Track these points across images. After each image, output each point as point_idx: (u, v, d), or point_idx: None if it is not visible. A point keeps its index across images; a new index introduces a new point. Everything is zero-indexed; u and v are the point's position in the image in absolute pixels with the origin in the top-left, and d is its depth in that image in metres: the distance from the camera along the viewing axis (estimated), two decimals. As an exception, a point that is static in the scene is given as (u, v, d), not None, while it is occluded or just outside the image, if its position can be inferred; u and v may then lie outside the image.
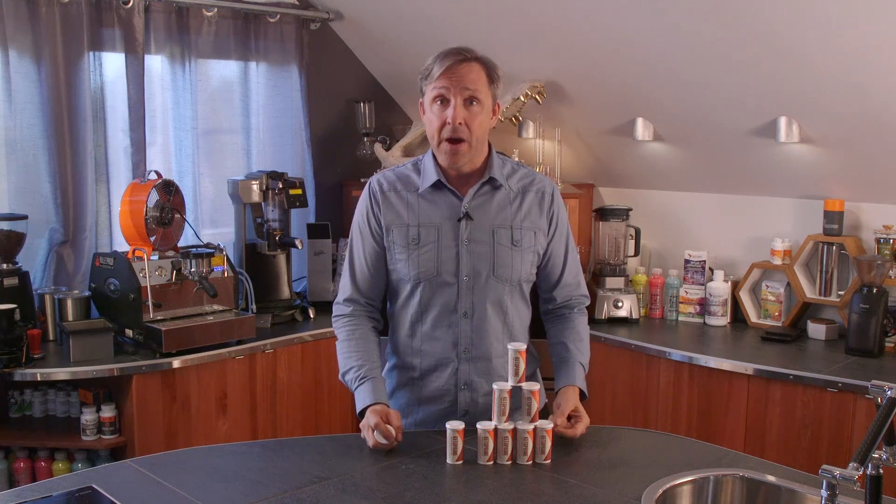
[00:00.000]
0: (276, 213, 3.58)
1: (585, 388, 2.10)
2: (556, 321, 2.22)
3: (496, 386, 1.87)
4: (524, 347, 1.90)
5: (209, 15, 3.58)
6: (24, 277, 3.07)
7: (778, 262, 3.44)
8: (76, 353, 2.92)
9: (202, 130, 3.64)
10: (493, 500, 1.68)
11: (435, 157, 2.08)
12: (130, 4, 3.32)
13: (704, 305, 3.59)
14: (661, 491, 1.70)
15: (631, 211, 3.82)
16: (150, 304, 3.04)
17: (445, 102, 1.97)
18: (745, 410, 3.02)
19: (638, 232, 3.80)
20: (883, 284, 3.05)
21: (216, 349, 3.10)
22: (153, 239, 3.14)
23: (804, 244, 3.37)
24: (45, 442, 2.97)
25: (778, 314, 3.46)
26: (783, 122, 3.10)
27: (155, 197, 3.14)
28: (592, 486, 1.75)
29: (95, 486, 1.71)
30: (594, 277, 3.78)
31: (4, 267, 3.03)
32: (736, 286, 3.56)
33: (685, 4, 2.84)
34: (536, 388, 1.88)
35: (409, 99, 4.33)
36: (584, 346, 2.16)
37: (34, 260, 3.23)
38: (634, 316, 3.62)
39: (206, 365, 3.08)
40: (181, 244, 3.27)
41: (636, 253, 3.82)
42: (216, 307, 3.27)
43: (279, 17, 3.78)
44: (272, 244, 3.57)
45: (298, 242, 3.53)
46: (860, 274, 3.08)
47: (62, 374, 2.87)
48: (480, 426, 1.85)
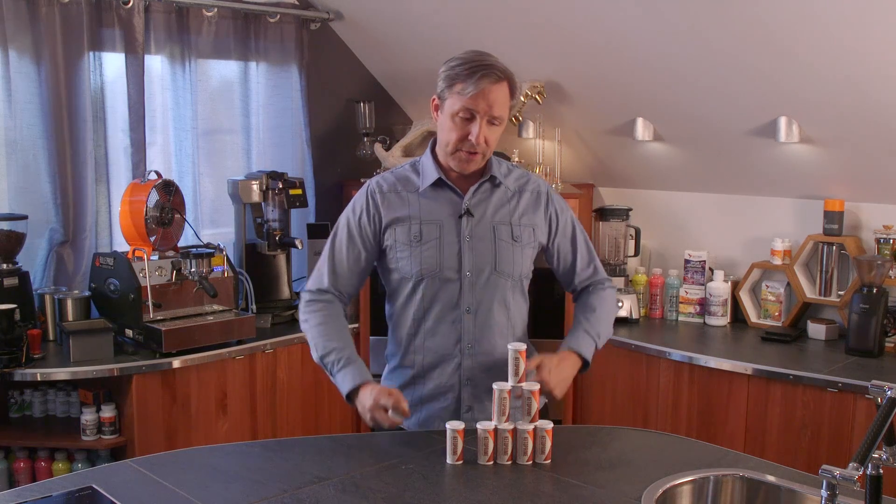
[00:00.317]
0: (276, 213, 3.58)
1: (587, 353, 2.09)
2: (579, 297, 2.24)
3: (496, 386, 1.87)
4: (524, 347, 1.90)
5: (209, 15, 3.58)
6: (24, 277, 3.07)
7: (778, 262, 3.44)
8: (76, 353, 2.92)
9: (202, 130, 3.64)
10: (493, 500, 1.68)
11: (434, 156, 2.11)
12: (130, 4, 3.32)
13: (704, 305, 3.59)
14: (661, 491, 1.70)
15: (631, 211, 3.82)
16: (150, 304, 3.04)
17: (470, 119, 2.00)
18: (745, 410, 3.02)
19: (638, 232, 3.80)
20: (883, 284, 3.05)
21: (216, 349, 3.10)
22: (153, 239, 3.14)
23: (804, 244, 3.37)
24: (45, 442, 2.97)
25: (778, 314, 3.46)
26: (783, 122, 3.10)
27: (155, 197, 3.14)
28: (592, 486, 1.75)
29: (95, 486, 1.71)
30: (594, 277, 3.77)
31: (4, 267, 3.03)
32: (736, 286, 3.56)
33: (685, 5, 2.84)
34: (536, 388, 1.88)
35: (409, 99, 4.33)
36: (594, 316, 2.15)
37: (34, 260, 3.23)
38: (634, 316, 3.62)
39: (206, 365, 3.08)
40: (181, 244, 3.27)
41: (636, 253, 3.82)
42: (216, 307, 3.27)
43: (279, 17, 3.78)
44: (272, 244, 3.57)
45: (298, 242, 3.53)
46: (860, 274, 3.08)
47: (62, 374, 2.87)
48: (480, 426, 1.85)
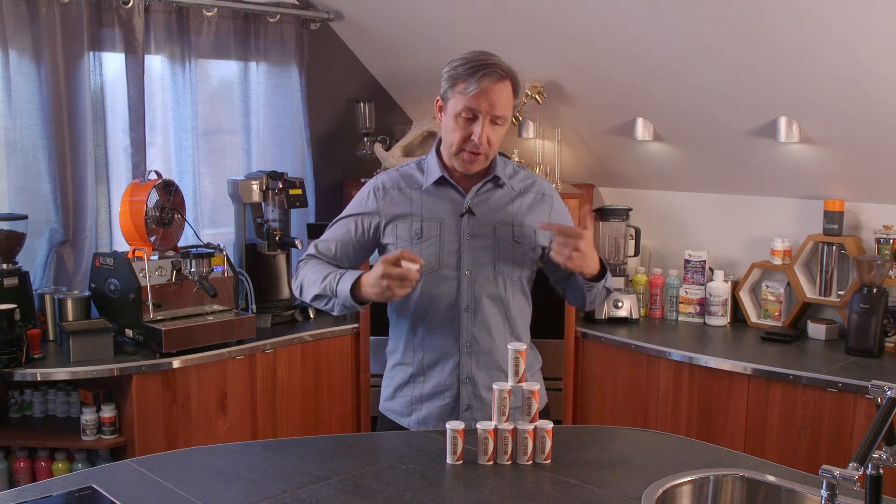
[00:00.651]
0: (276, 213, 3.58)
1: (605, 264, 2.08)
2: (569, 282, 2.20)
3: (496, 386, 1.87)
4: (524, 347, 1.90)
5: (209, 15, 3.58)
6: (24, 277, 3.07)
7: (778, 262, 3.44)
8: (76, 353, 2.92)
9: (202, 130, 3.64)
10: (493, 500, 1.68)
11: (439, 155, 2.12)
12: (130, 4, 3.32)
13: (704, 305, 3.59)
14: (661, 491, 1.70)
15: (631, 211, 3.82)
16: (150, 304, 3.04)
17: (473, 119, 2.01)
18: (744, 410, 3.02)
19: (638, 232, 3.80)
20: (883, 284, 3.05)
21: (216, 349, 3.10)
22: (153, 239, 3.14)
23: (804, 244, 3.37)
24: (45, 442, 2.97)
25: (778, 314, 3.46)
26: (783, 122, 3.10)
27: (155, 197, 3.14)
28: (592, 486, 1.75)
29: (95, 486, 1.71)
30: (594, 277, 3.77)
31: (4, 267, 3.03)
32: (736, 286, 3.56)
33: (685, 5, 2.84)
34: (536, 388, 1.88)
35: (409, 99, 4.33)
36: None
37: (34, 260, 3.23)
38: (634, 316, 3.62)
39: (206, 365, 3.08)
40: (181, 244, 3.27)
41: (636, 253, 3.82)
42: (216, 307, 3.27)
43: (279, 17, 3.78)
44: (272, 244, 3.57)
45: (298, 242, 3.53)
46: (860, 274, 3.08)
47: (62, 374, 2.87)
48: (480, 426, 1.85)
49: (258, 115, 3.83)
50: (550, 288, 2.28)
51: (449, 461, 1.85)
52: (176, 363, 2.99)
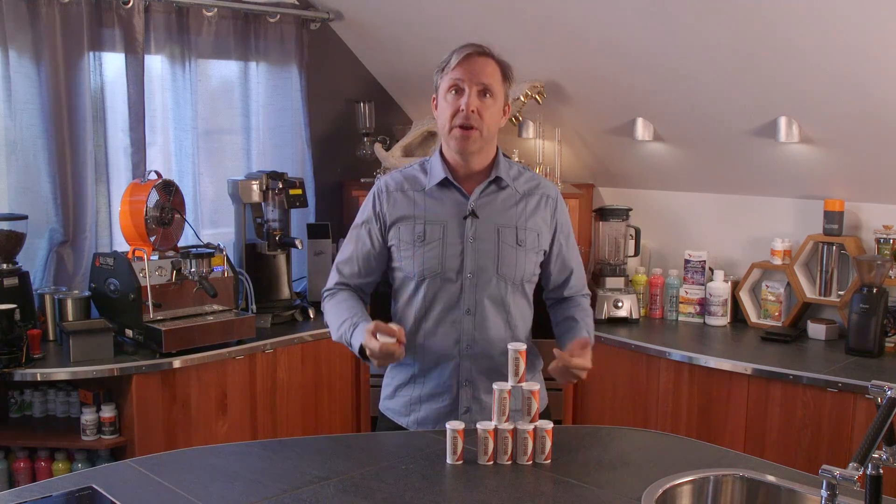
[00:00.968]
0: (276, 213, 3.58)
1: (592, 339, 2.14)
2: (559, 303, 2.25)
3: (496, 386, 1.87)
4: (524, 347, 1.90)
5: (209, 15, 3.58)
6: (24, 277, 3.07)
7: (778, 262, 3.44)
8: (76, 353, 2.92)
9: (202, 130, 3.64)
10: (493, 500, 1.68)
11: (443, 156, 2.12)
12: (130, 4, 3.32)
13: (704, 305, 3.59)
14: (661, 491, 1.70)
15: (631, 211, 3.82)
16: (150, 304, 3.03)
17: (460, 92, 2.02)
18: (745, 410, 3.02)
19: (638, 232, 3.79)
20: (883, 284, 3.05)
21: (216, 349, 3.10)
22: (153, 239, 3.14)
23: (804, 244, 3.37)
24: (45, 442, 2.97)
25: (778, 314, 3.46)
26: (783, 122, 3.10)
27: (155, 197, 3.14)
28: (592, 486, 1.75)
29: (95, 486, 1.71)
30: (594, 277, 3.78)
31: (4, 267, 3.03)
32: (736, 286, 3.56)
33: (686, 5, 2.84)
34: (536, 388, 1.88)
35: (409, 99, 4.33)
36: (590, 321, 2.20)
37: (34, 260, 3.23)
38: (634, 316, 3.62)
39: (206, 365, 3.08)
40: (181, 244, 3.27)
41: (636, 253, 3.82)
42: (216, 307, 3.27)
43: (279, 17, 3.78)
44: (272, 244, 3.57)
45: (298, 242, 3.53)
46: (860, 274, 3.08)
47: (62, 374, 2.87)
48: (480, 426, 1.85)
49: (258, 115, 3.83)
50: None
51: (449, 461, 1.85)
52: (176, 363, 2.99)
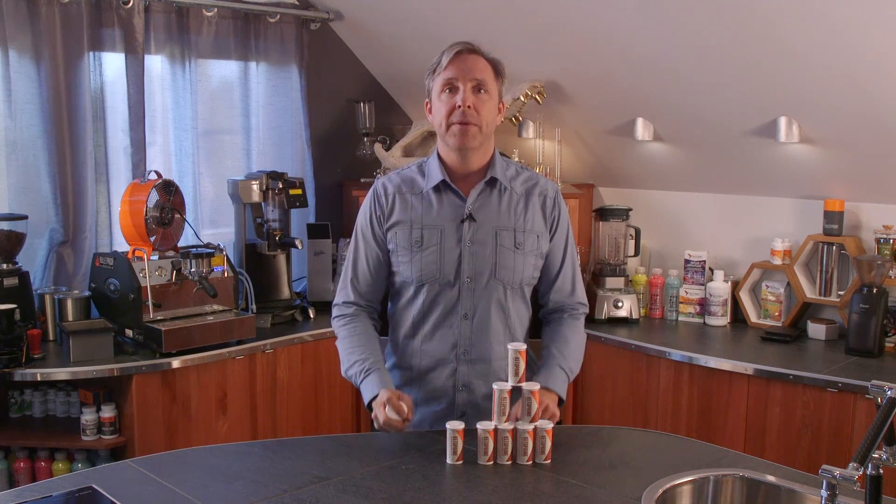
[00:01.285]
0: (276, 213, 3.58)
1: (562, 391, 2.06)
2: (547, 326, 2.20)
3: (496, 386, 1.87)
4: (524, 347, 1.89)
5: (209, 15, 3.58)
6: (24, 277, 3.07)
7: (778, 262, 3.44)
8: (76, 353, 2.92)
9: (202, 130, 3.64)
10: (493, 500, 1.68)
11: (440, 157, 2.09)
12: (130, 4, 3.32)
13: (704, 305, 3.58)
14: (661, 491, 1.70)
15: (631, 211, 3.82)
16: (150, 304, 3.03)
17: (454, 90, 2.00)
18: (745, 410, 3.02)
19: (638, 232, 3.79)
20: (883, 284, 3.05)
21: (216, 349, 3.10)
22: (153, 239, 3.14)
23: (804, 244, 3.37)
24: (45, 442, 2.97)
25: (778, 314, 3.46)
26: (783, 122, 3.10)
27: (155, 197, 3.14)
28: (592, 486, 1.75)
29: (95, 486, 1.71)
30: (594, 277, 3.78)
31: (4, 267, 3.03)
32: (736, 286, 3.56)
33: (686, 5, 2.84)
34: (536, 388, 1.88)
35: (409, 99, 4.33)
36: (568, 350, 2.12)
37: (34, 260, 3.23)
38: (634, 316, 3.62)
39: (206, 365, 3.08)
40: (181, 244, 3.27)
41: (636, 253, 3.82)
42: (216, 307, 3.27)
43: (279, 17, 3.78)
44: (272, 244, 3.57)
45: (298, 242, 3.53)
46: (860, 274, 3.08)
47: (62, 374, 2.87)
48: (480, 426, 1.85)
49: (258, 115, 3.83)
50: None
51: (449, 461, 1.85)
52: (176, 363, 2.99)
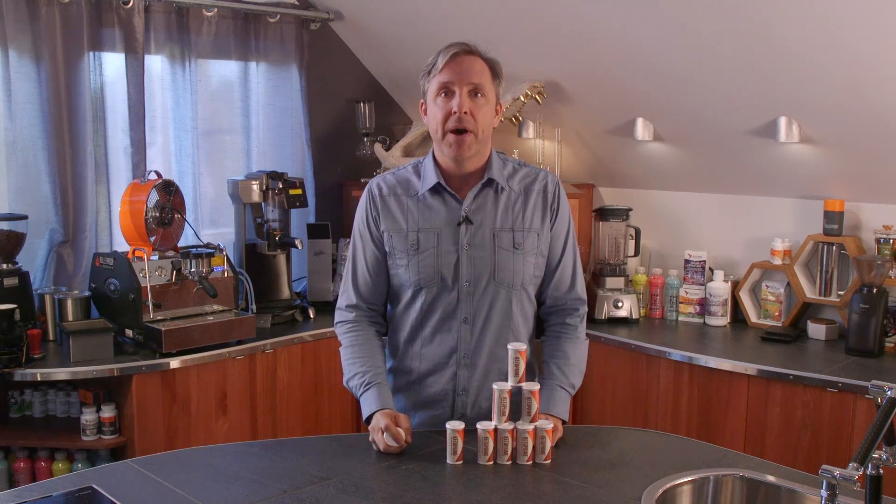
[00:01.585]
0: (276, 213, 3.58)
1: (565, 414, 2.04)
2: (549, 337, 2.15)
3: (496, 386, 1.87)
4: (524, 347, 1.89)
5: (209, 15, 3.58)
6: (24, 277, 3.07)
7: (778, 262, 3.44)
8: (76, 353, 2.92)
9: (202, 130, 3.64)
10: (493, 500, 1.68)
11: (435, 159, 2.05)
12: (130, 4, 3.32)
13: (704, 305, 3.58)
14: (661, 491, 1.70)
15: (631, 211, 3.82)
16: (150, 304, 3.04)
17: (450, 94, 1.95)
18: (745, 410, 3.02)
19: (638, 232, 3.79)
20: (883, 284, 3.05)
21: (216, 349, 3.10)
22: (153, 239, 3.14)
23: (804, 244, 3.37)
24: (45, 442, 2.97)
25: (778, 314, 3.46)
26: (783, 122, 3.10)
27: (155, 197, 3.14)
28: (592, 486, 1.75)
29: (95, 486, 1.71)
30: (594, 277, 3.78)
31: (4, 267, 3.03)
32: (736, 286, 3.56)
33: (685, 4, 2.84)
34: (536, 388, 1.88)
35: (409, 99, 4.33)
36: (569, 367, 2.08)
37: (34, 260, 3.23)
38: (634, 316, 3.62)
39: (205, 365, 3.07)
40: (181, 244, 3.27)
41: (636, 253, 3.82)
42: (216, 307, 3.27)
43: (279, 17, 3.78)
44: (272, 244, 3.57)
45: (298, 242, 3.53)
46: (860, 274, 3.08)
47: (62, 374, 2.87)
48: (480, 426, 1.85)
49: (258, 115, 3.83)
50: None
51: (449, 461, 1.85)
52: (176, 363, 2.99)
